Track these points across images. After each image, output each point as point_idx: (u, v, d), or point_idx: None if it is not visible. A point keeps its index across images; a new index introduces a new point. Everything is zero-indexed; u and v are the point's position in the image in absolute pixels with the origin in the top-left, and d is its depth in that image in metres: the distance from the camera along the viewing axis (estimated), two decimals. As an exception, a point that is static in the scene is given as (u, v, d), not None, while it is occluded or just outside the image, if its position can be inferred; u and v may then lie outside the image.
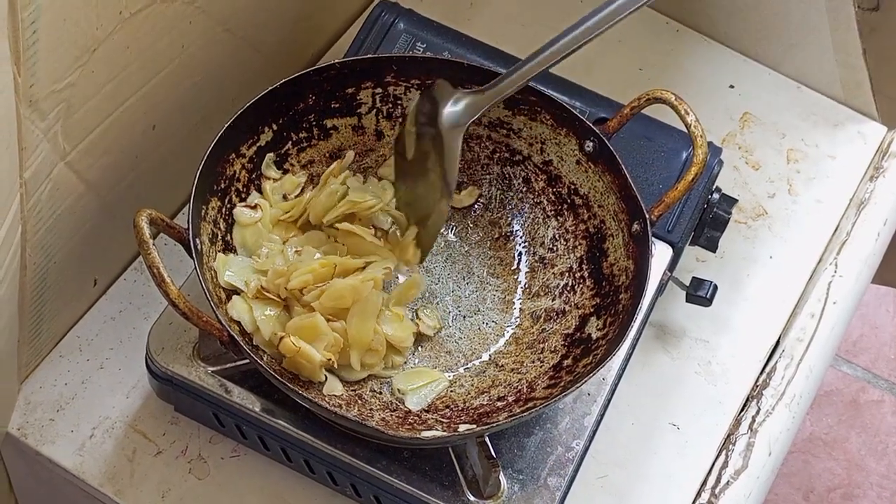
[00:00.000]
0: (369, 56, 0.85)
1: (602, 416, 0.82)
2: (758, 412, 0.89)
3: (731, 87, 1.05)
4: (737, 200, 0.90)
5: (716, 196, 0.89)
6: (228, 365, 0.79)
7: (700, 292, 0.88)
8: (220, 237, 0.80)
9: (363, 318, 0.78)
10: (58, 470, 0.83)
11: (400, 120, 0.86)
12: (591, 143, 0.83)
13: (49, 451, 0.83)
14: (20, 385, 0.85)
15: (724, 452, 0.87)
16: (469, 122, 0.79)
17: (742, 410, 0.89)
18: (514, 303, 0.84)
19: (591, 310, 0.81)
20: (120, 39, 0.73)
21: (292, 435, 0.78)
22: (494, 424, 0.74)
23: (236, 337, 0.73)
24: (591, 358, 0.78)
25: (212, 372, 0.79)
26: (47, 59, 0.67)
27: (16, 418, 0.84)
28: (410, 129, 0.81)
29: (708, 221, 0.89)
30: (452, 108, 0.79)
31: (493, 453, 0.76)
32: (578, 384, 0.74)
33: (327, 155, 0.85)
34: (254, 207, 0.81)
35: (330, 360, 0.76)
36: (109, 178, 0.81)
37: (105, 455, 0.83)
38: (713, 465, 0.87)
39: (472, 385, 0.81)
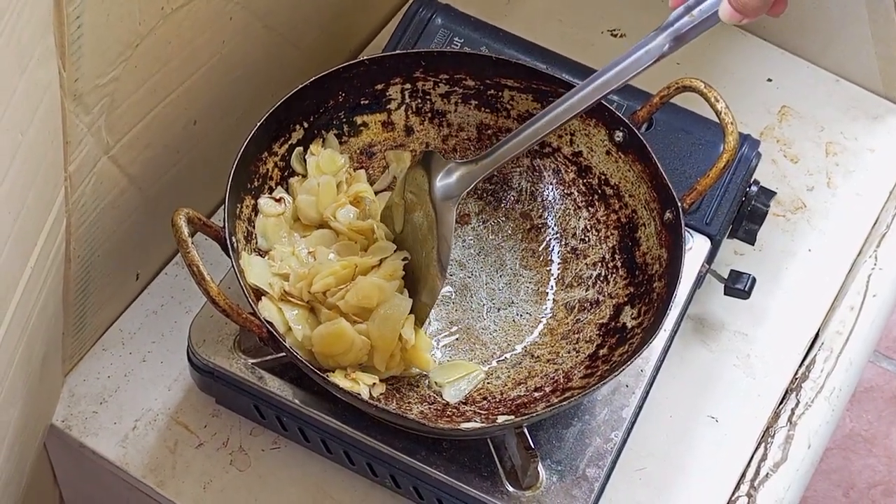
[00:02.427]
0: (397, 52, 0.86)
1: (640, 408, 0.82)
2: (797, 405, 0.88)
3: (769, 80, 1.04)
4: (775, 193, 0.90)
5: (754, 189, 0.89)
6: (269, 357, 0.80)
7: (738, 285, 0.88)
8: (254, 235, 0.80)
9: (388, 322, 0.77)
10: (101, 461, 0.84)
11: (429, 115, 0.87)
12: (620, 133, 0.83)
13: (92, 442, 0.84)
14: (64, 378, 0.86)
15: (763, 445, 0.87)
16: (463, 194, 0.78)
17: (781, 403, 0.89)
18: (547, 294, 0.84)
19: (625, 299, 0.81)
20: (162, 35, 0.74)
21: (332, 426, 0.79)
22: (533, 415, 0.74)
23: (275, 333, 0.73)
24: (627, 347, 0.78)
25: (252, 364, 0.80)
26: (91, 53, 0.68)
27: (60, 410, 0.85)
28: (398, 202, 0.80)
29: (746, 214, 0.89)
30: (446, 180, 0.78)
31: (531, 444, 0.76)
32: (615, 373, 0.74)
33: (358, 151, 0.86)
34: (278, 200, 0.81)
35: (374, 384, 0.77)
36: (151, 172, 0.82)
37: (147, 447, 0.84)
38: (752, 457, 0.86)
39: (509, 376, 0.81)
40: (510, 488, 0.77)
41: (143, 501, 0.84)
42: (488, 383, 0.80)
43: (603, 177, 0.85)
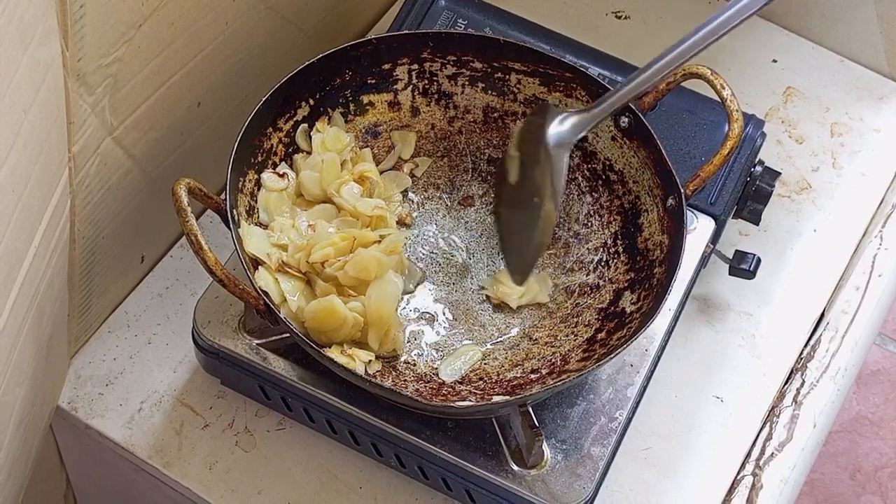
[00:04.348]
0: (405, 32, 0.86)
1: (645, 387, 0.82)
2: (802, 385, 0.88)
3: (775, 61, 1.04)
4: (780, 173, 0.90)
5: (759, 169, 0.89)
6: (273, 338, 0.80)
7: (743, 265, 0.88)
8: (256, 209, 0.80)
9: (384, 300, 0.77)
10: (107, 443, 0.84)
11: (436, 97, 0.86)
12: (626, 119, 0.83)
13: (98, 424, 0.84)
14: (70, 360, 0.86)
15: (768, 425, 0.87)
16: (575, 140, 0.78)
17: (786, 383, 0.89)
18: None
19: (626, 284, 0.81)
20: (165, 15, 0.74)
21: (337, 406, 0.79)
22: (527, 395, 0.74)
23: (271, 304, 0.73)
24: (624, 331, 0.78)
25: (257, 345, 0.80)
26: (94, 33, 0.68)
27: (66, 392, 0.85)
28: (513, 154, 0.81)
29: (751, 194, 0.89)
30: (559, 128, 0.78)
31: (536, 423, 0.76)
32: (611, 357, 0.74)
33: (363, 130, 0.86)
34: (282, 175, 0.81)
35: (370, 361, 0.77)
36: (156, 153, 0.82)
37: (153, 428, 0.84)
38: (757, 437, 0.86)
39: (506, 358, 0.81)
40: (515, 467, 0.77)
41: (149, 482, 0.85)
42: (485, 364, 0.81)
43: (607, 162, 0.85)
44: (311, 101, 0.83)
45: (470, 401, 0.77)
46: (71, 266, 0.79)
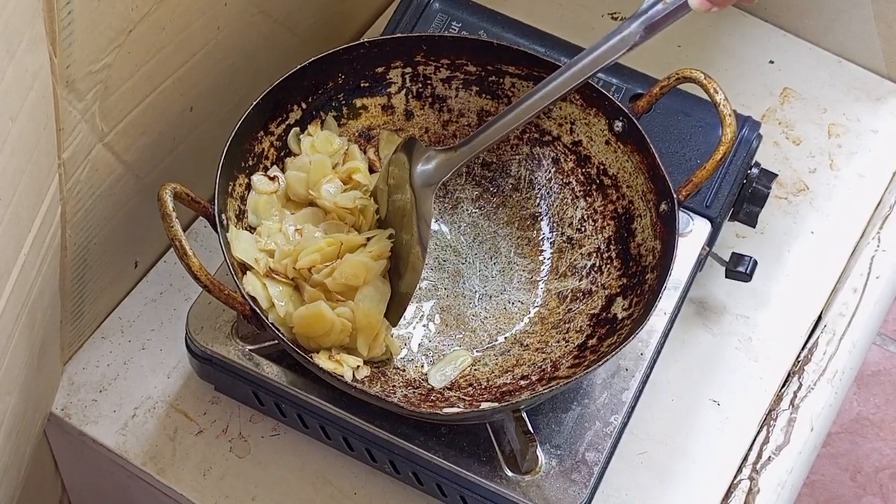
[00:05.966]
0: (398, 35, 0.85)
1: (640, 391, 0.81)
2: (799, 388, 0.88)
3: (771, 62, 1.04)
4: (776, 175, 0.90)
5: (755, 171, 0.89)
6: (266, 343, 0.80)
7: (740, 268, 0.88)
8: (245, 213, 0.80)
9: (373, 305, 0.77)
10: (101, 449, 0.84)
11: (430, 100, 0.86)
12: (620, 123, 0.82)
13: (92, 430, 0.84)
14: (63, 366, 0.86)
15: (765, 428, 0.86)
16: (441, 181, 0.79)
17: (783, 386, 0.89)
18: (540, 283, 0.84)
19: (618, 290, 0.81)
20: (155, 20, 0.74)
21: (331, 412, 0.79)
22: (515, 402, 0.74)
23: (258, 310, 0.73)
24: (615, 338, 0.78)
25: (250, 350, 0.80)
26: (83, 39, 0.67)
27: (59, 399, 0.85)
28: (382, 187, 0.81)
29: (747, 197, 0.89)
30: (424, 167, 0.79)
31: (530, 428, 0.76)
32: (600, 363, 0.73)
33: (356, 134, 0.86)
34: (272, 178, 0.81)
35: (359, 367, 0.77)
36: (147, 159, 0.82)
37: (147, 434, 0.84)
38: (754, 441, 0.86)
39: (496, 364, 0.80)
40: (509, 473, 0.77)
41: (143, 488, 0.84)
42: (475, 370, 0.80)
43: (602, 167, 0.84)
44: (304, 105, 0.83)
45: (458, 407, 0.76)
46: (62, 273, 0.78)
